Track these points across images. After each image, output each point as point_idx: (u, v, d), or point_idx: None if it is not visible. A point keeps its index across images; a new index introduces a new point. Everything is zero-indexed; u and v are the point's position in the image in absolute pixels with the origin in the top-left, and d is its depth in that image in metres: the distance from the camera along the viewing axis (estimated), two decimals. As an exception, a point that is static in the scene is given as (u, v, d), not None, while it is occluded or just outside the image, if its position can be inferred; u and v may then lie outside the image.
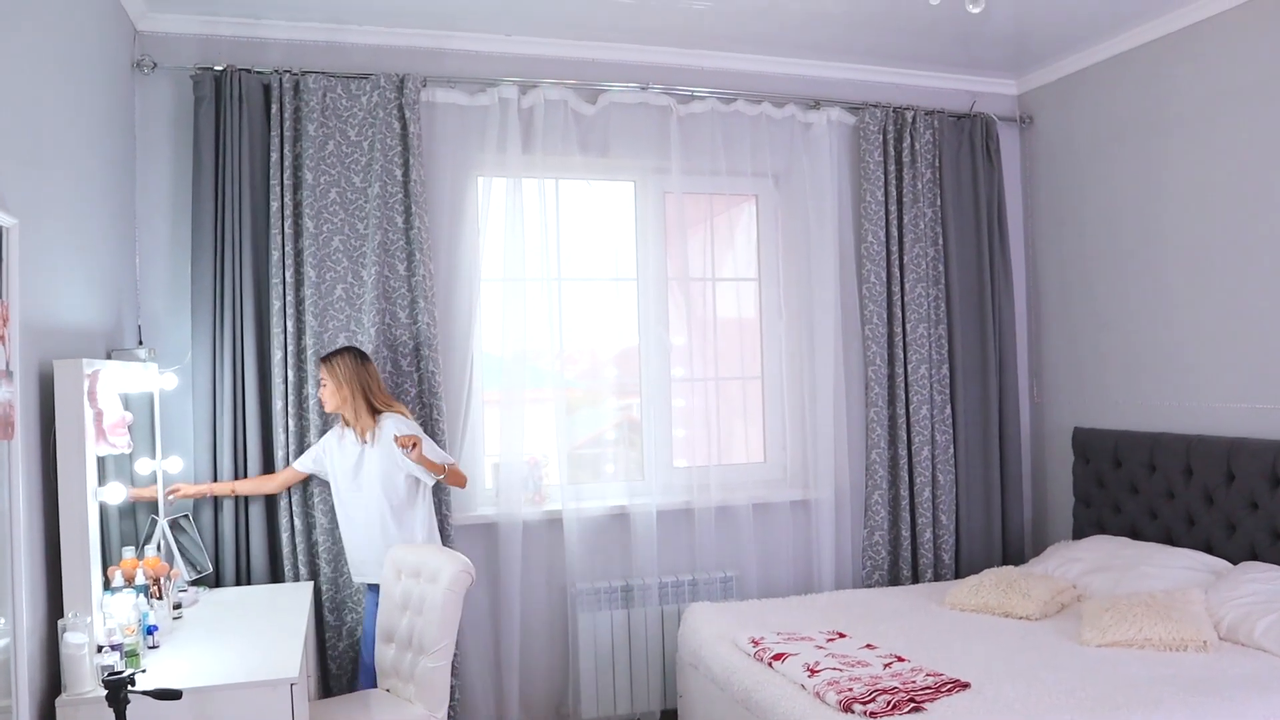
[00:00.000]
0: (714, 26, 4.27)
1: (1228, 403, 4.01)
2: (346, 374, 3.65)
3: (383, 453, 3.63)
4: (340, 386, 3.64)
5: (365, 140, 3.99)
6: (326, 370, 3.65)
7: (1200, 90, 4.10)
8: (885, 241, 4.67)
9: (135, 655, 2.58)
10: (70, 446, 2.55)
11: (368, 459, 3.66)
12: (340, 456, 3.70)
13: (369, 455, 3.65)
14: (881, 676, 3.09)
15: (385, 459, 3.63)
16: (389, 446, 3.60)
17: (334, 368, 3.65)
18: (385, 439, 3.62)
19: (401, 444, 3.52)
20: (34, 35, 2.60)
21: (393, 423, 3.64)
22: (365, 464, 3.66)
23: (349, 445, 3.69)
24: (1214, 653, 3.26)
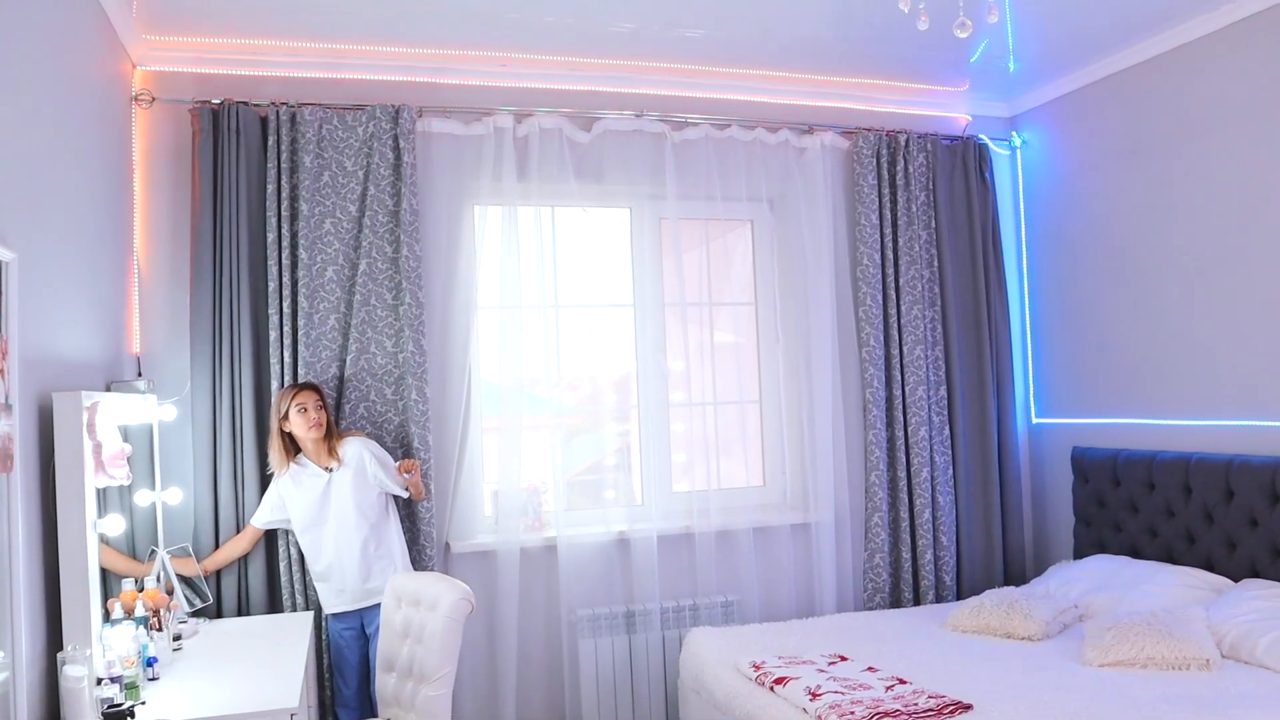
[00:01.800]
0: (708, 52, 4.31)
1: (1226, 421, 4.02)
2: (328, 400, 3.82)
3: (354, 472, 3.69)
4: (328, 409, 3.75)
5: (360, 170, 4.01)
6: (319, 394, 3.71)
7: (1192, 109, 4.14)
8: (881, 264, 4.69)
9: (135, 687, 2.58)
10: (69, 478, 2.56)
11: (336, 484, 3.69)
12: (300, 493, 3.69)
13: (337, 480, 3.70)
14: (883, 699, 3.08)
15: (357, 478, 3.69)
16: (358, 466, 3.70)
17: (324, 394, 3.76)
18: (354, 459, 3.71)
19: (407, 468, 3.71)
20: (33, 70, 2.63)
21: (360, 443, 3.75)
22: (334, 490, 3.69)
23: (309, 478, 3.70)
24: (1216, 671, 3.25)
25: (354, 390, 3.95)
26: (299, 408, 3.65)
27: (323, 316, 3.94)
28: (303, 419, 3.65)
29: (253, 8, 3.71)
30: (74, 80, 3.07)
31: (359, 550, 3.68)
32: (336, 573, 3.69)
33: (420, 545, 3.97)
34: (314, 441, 3.68)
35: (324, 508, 3.68)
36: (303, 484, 3.70)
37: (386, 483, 3.74)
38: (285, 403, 3.66)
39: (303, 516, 3.69)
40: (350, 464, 3.70)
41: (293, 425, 3.66)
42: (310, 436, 3.67)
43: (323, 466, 3.69)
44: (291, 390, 3.68)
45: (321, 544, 3.70)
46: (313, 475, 3.70)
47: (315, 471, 3.70)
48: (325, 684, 3.89)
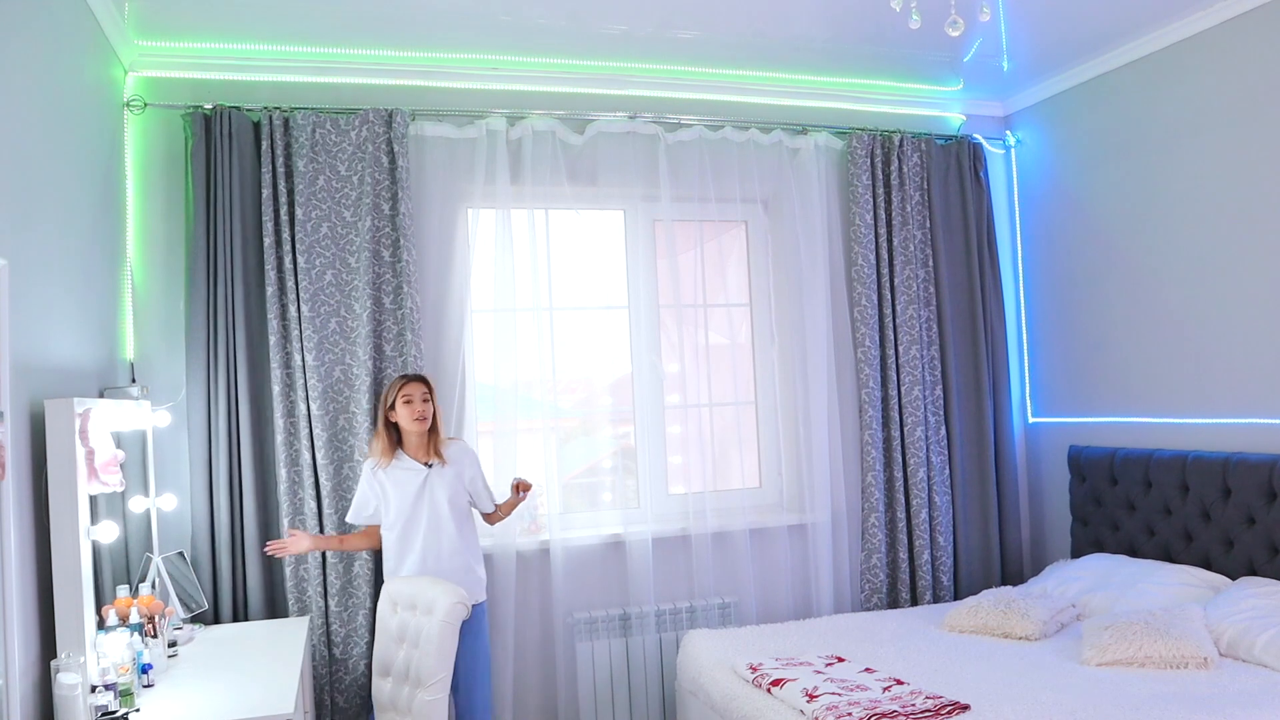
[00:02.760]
0: (700, 53, 4.31)
1: (1223, 419, 4.02)
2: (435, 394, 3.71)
3: (453, 474, 3.66)
4: (435, 405, 3.67)
5: (355, 175, 4.01)
6: (428, 387, 3.66)
7: (1186, 107, 4.14)
8: (876, 264, 4.69)
9: (130, 695, 2.57)
10: (62, 486, 2.55)
11: (433, 481, 3.63)
12: (396, 488, 3.62)
13: (435, 477, 3.64)
14: (881, 700, 3.08)
15: (454, 480, 3.65)
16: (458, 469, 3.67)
17: (431, 384, 3.69)
18: (456, 460, 3.68)
19: (524, 487, 3.76)
20: (24, 76, 2.63)
21: (464, 447, 3.77)
22: (430, 487, 3.63)
23: (406, 472, 3.63)
24: (1214, 669, 3.25)
25: (356, 392, 3.94)
26: (405, 399, 3.59)
27: (324, 320, 3.94)
28: (408, 410, 3.59)
29: (244, 13, 3.70)
30: (66, 86, 3.06)
31: (448, 552, 3.61)
32: (425, 571, 3.59)
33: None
34: (418, 435, 3.63)
35: (418, 504, 3.61)
36: (399, 478, 3.63)
37: (480, 493, 3.74)
38: (393, 393, 3.61)
39: (397, 511, 3.62)
40: (451, 464, 3.66)
41: (398, 416, 3.59)
42: (415, 429, 3.60)
43: (422, 462, 3.64)
44: (400, 380, 3.63)
45: (411, 542, 3.61)
46: (410, 469, 3.64)
47: (413, 466, 3.64)
48: (323, 689, 3.88)
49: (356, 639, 3.89)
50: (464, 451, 3.75)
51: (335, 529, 3.88)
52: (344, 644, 3.87)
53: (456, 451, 3.71)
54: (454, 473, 3.66)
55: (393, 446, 3.65)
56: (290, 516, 3.83)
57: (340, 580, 3.87)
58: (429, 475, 3.63)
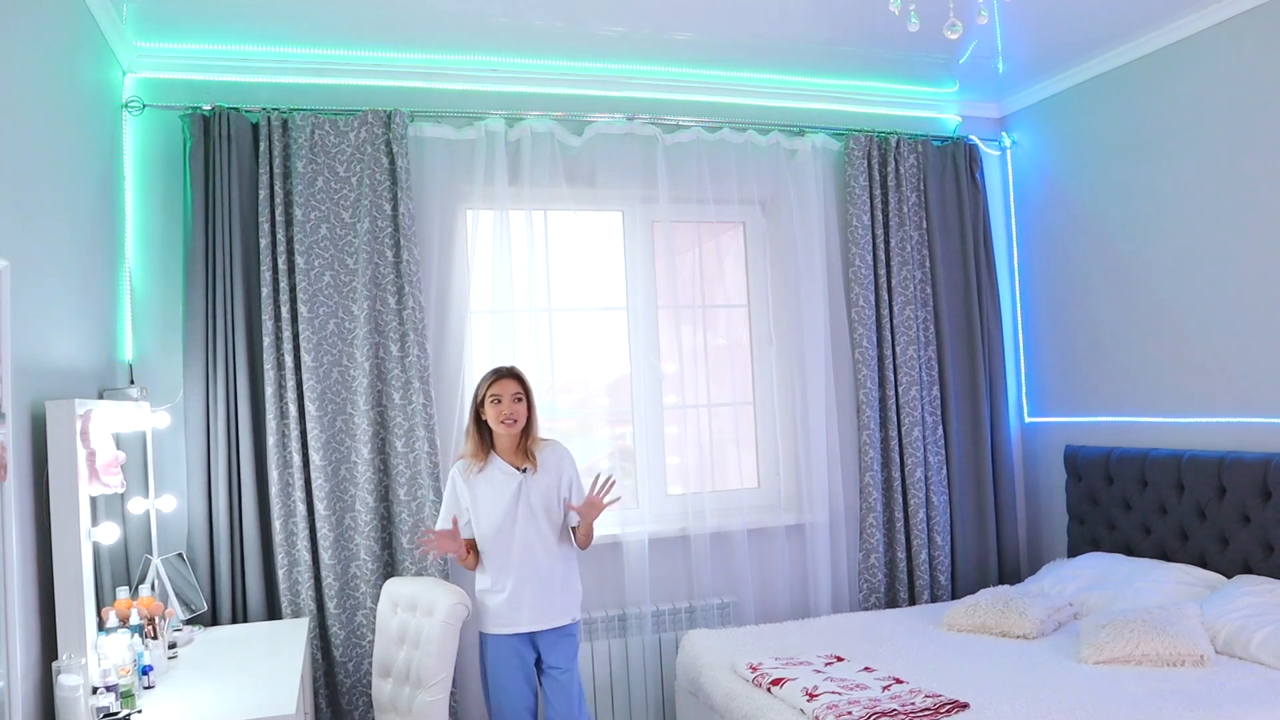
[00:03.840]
0: (698, 55, 4.33)
1: (1217, 418, 4.03)
2: (532, 393, 3.42)
3: (551, 480, 3.40)
4: (530, 404, 3.40)
5: (354, 176, 4.01)
6: (521, 385, 3.39)
7: (1181, 108, 4.16)
8: (873, 265, 4.70)
9: (131, 696, 2.57)
10: (63, 487, 2.55)
11: (529, 488, 3.36)
12: (491, 492, 3.36)
13: (531, 484, 3.37)
14: (880, 699, 3.09)
15: (551, 488, 3.40)
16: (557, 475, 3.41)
17: (526, 382, 3.41)
18: (553, 466, 3.42)
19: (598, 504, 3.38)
20: (23, 77, 2.63)
21: (563, 451, 3.48)
22: (526, 494, 3.36)
23: (501, 476, 3.37)
24: (1211, 667, 3.26)
25: (354, 394, 3.94)
26: (493, 398, 3.33)
27: (323, 321, 3.94)
28: (495, 410, 3.33)
29: (243, 14, 3.70)
30: (64, 87, 3.06)
31: (546, 563, 3.36)
32: (518, 586, 3.33)
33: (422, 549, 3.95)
34: (508, 437, 3.37)
35: (514, 511, 3.34)
36: (494, 482, 3.37)
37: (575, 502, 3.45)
38: (481, 390, 3.37)
39: (491, 519, 3.35)
40: (547, 470, 3.39)
41: (487, 416, 3.35)
42: (502, 432, 3.34)
43: (515, 467, 3.38)
44: (490, 376, 3.37)
45: (508, 552, 3.35)
46: (504, 473, 3.37)
47: (507, 469, 3.37)
48: (337, 689, 3.87)
49: (357, 640, 3.89)
50: (560, 455, 3.46)
51: (331, 531, 3.87)
52: (344, 645, 3.87)
53: (551, 455, 3.43)
54: (550, 479, 3.39)
55: (485, 448, 3.39)
56: (283, 519, 3.83)
57: (339, 581, 3.87)
58: (523, 481, 3.36)
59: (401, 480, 3.96)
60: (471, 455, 3.38)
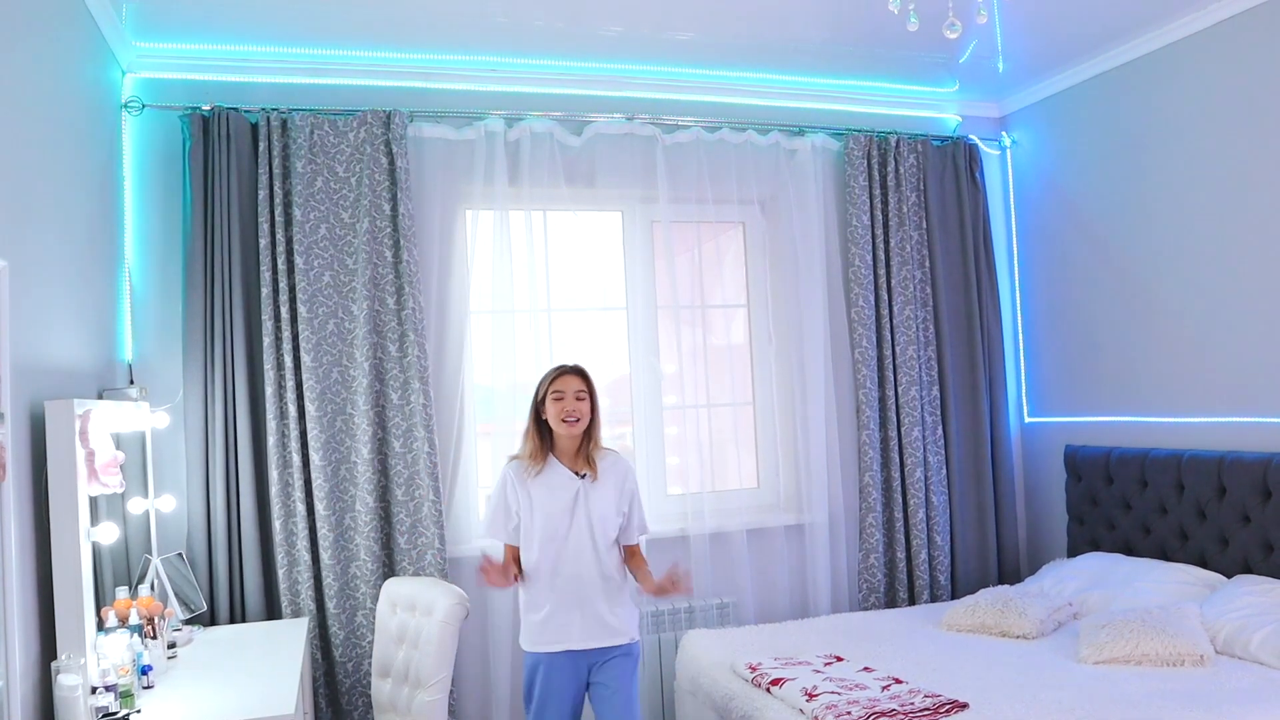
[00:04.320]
0: (698, 55, 4.33)
1: (1217, 418, 4.03)
2: (596, 394, 3.19)
3: (612, 490, 3.15)
4: (594, 405, 3.17)
5: (353, 176, 4.01)
6: (585, 382, 3.16)
7: (1182, 108, 4.16)
8: (873, 265, 4.70)
9: (130, 696, 2.57)
10: (62, 487, 2.55)
11: (588, 495, 3.12)
12: (546, 496, 3.11)
13: (590, 491, 3.12)
14: (879, 699, 3.08)
15: (609, 498, 3.14)
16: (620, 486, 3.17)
17: (590, 380, 3.19)
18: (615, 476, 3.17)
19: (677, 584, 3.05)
20: (22, 77, 2.63)
21: (626, 462, 3.25)
22: (584, 501, 3.11)
23: (560, 479, 3.13)
24: (1211, 667, 3.26)
25: (354, 394, 3.94)
26: (555, 395, 3.11)
27: (322, 321, 3.94)
28: (556, 408, 3.10)
29: (242, 14, 3.70)
30: (63, 87, 3.06)
31: (599, 576, 3.10)
32: (569, 599, 3.09)
33: (419, 549, 3.95)
34: (569, 439, 3.14)
35: (571, 519, 3.10)
36: (551, 486, 3.13)
37: (633, 520, 3.21)
38: (543, 386, 3.16)
39: (545, 525, 3.09)
40: (608, 479, 3.15)
41: (547, 414, 3.13)
42: (563, 431, 3.11)
43: (575, 472, 3.14)
44: (553, 373, 3.17)
45: (559, 562, 3.09)
46: (562, 478, 3.13)
47: (565, 474, 3.14)
48: (336, 689, 3.87)
49: (356, 640, 3.89)
50: (623, 466, 3.22)
51: (330, 531, 3.87)
52: (343, 645, 3.87)
53: (613, 465, 3.19)
54: (610, 488, 3.14)
55: (544, 449, 3.15)
56: (283, 519, 3.83)
57: (338, 581, 3.87)
58: (582, 488, 3.12)
59: (400, 480, 3.96)
60: (529, 456, 3.14)
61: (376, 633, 3.54)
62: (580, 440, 3.14)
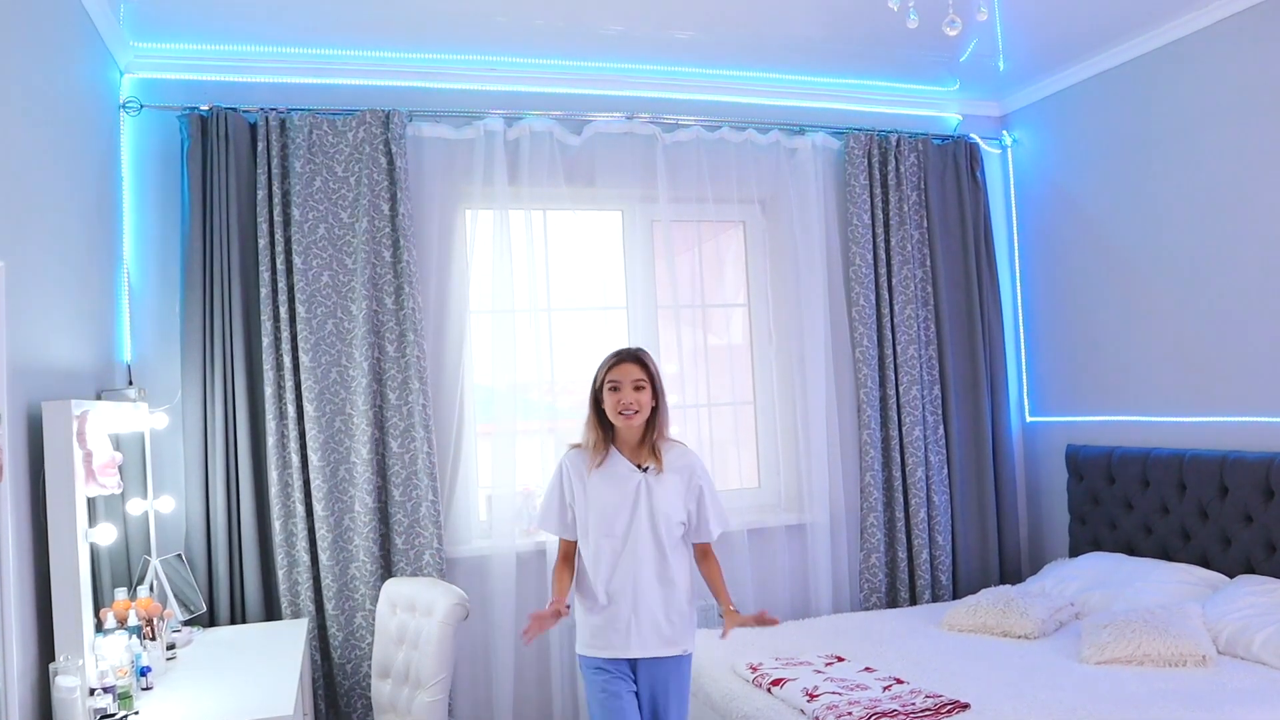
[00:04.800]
0: (698, 54, 4.32)
1: (1219, 417, 4.02)
2: (659, 379, 2.94)
3: (679, 486, 2.93)
4: (653, 393, 2.91)
5: (352, 176, 4.00)
6: (644, 369, 2.90)
7: (1183, 106, 4.15)
8: (873, 264, 4.69)
9: (128, 697, 2.56)
10: (60, 488, 2.55)
11: (651, 490, 2.89)
12: (606, 491, 2.90)
13: (654, 485, 2.89)
14: (880, 699, 3.07)
15: (675, 494, 2.91)
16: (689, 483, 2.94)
17: (651, 367, 2.93)
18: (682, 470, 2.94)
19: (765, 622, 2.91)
20: (20, 78, 2.62)
21: (694, 457, 3.01)
22: (647, 496, 2.89)
23: (620, 474, 2.91)
24: (1213, 667, 3.25)
25: (353, 394, 3.93)
26: (611, 385, 2.89)
27: (321, 321, 3.93)
28: (613, 399, 2.88)
29: (240, 14, 3.69)
30: (61, 88, 3.06)
31: (658, 580, 2.89)
32: (626, 603, 2.87)
33: (417, 549, 3.95)
34: (629, 431, 2.91)
35: (633, 515, 2.88)
36: (611, 480, 2.91)
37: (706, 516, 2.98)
38: (599, 375, 2.94)
39: (602, 521, 2.89)
40: (675, 473, 2.92)
41: (605, 405, 2.91)
42: (621, 425, 2.89)
43: (638, 465, 2.92)
44: (609, 360, 2.94)
45: (617, 561, 2.87)
46: (624, 471, 2.91)
47: (627, 466, 2.91)
48: (335, 690, 3.86)
49: (356, 641, 3.88)
50: (691, 460, 2.99)
51: (329, 532, 3.86)
52: (343, 646, 3.86)
53: (680, 458, 2.96)
54: (676, 484, 2.92)
55: (606, 441, 2.93)
56: (282, 519, 3.82)
57: (338, 582, 3.86)
58: (644, 482, 2.90)
59: (398, 481, 3.96)
60: (590, 447, 2.93)
61: (376, 633, 3.53)
62: (643, 431, 2.91)
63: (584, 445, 2.97)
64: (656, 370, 2.92)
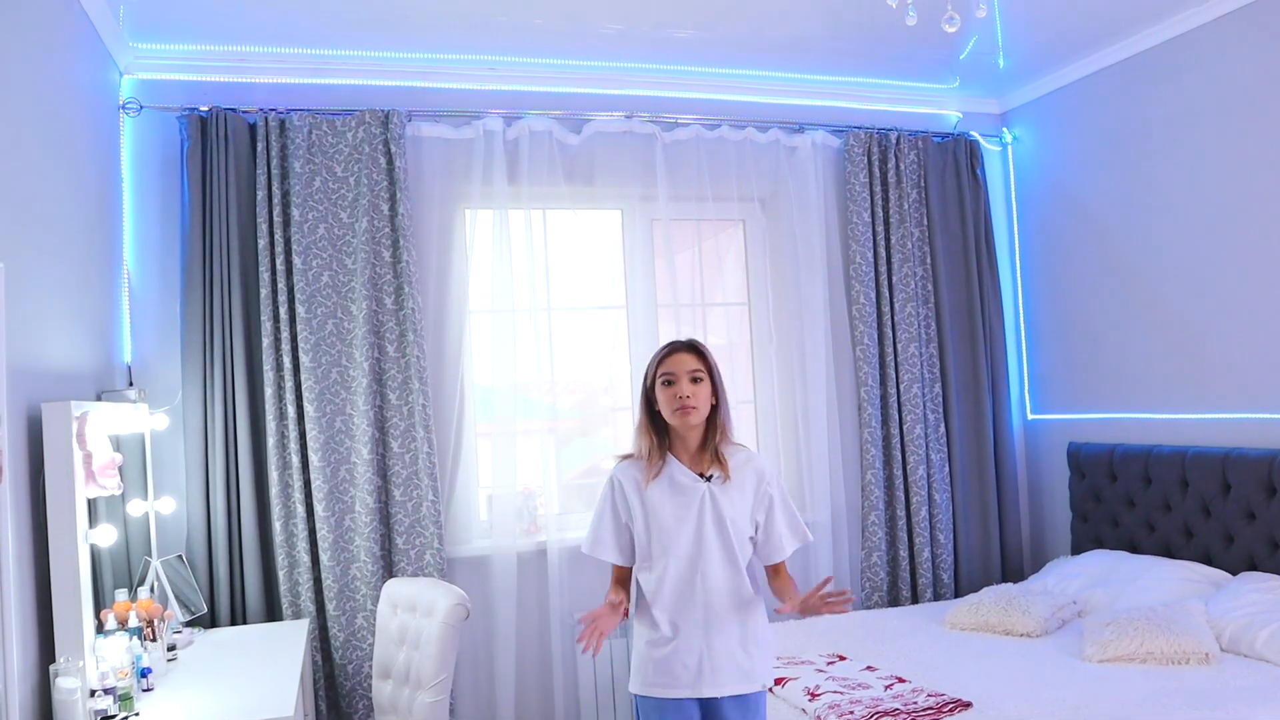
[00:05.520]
0: (697, 52, 4.31)
1: (1222, 414, 4.02)
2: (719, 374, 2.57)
3: (748, 496, 2.54)
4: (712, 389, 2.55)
5: (351, 176, 4.00)
6: (702, 359, 2.53)
7: (1184, 102, 4.14)
8: (874, 262, 4.69)
9: (129, 699, 2.56)
10: (60, 489, 2.54)
11: (716, 501, 2.50)
12: (666, 505, 2.51)
13: (718, 496, 2.51)
14: (883, 698, 3.07)
15: (743, 506, 2.53)
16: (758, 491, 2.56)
17: (709, 357, 2.56)
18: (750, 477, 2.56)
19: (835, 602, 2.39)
20: (19, 79, 2.62)
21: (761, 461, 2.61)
22: (713, 509, 2.50)
23: (681, 484, 2.52)
24: (1216, 665, 3.24)
25: (353, 394, 3.93)
26: (665, 378, 2.50)
27: (321, 322, 3.93)
28: (666, 395, 2.49)
29: (240, 15, 3.69)
30: (61, 89, 3.06)
31: (733, 604, 2.50)
32: (696, 634, 2.49)
33: (418, 549, 3.95)
34: (686, 430, 2.52)
35: (700, 531, 2.49)
36: (671, 492, 2.52)
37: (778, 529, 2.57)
38: (651, 369, 2.56)
39: (666, 538, 2.50)
40: (743, 481, 2.54)
41: (659, 403, 2.52)
42: (678, 423, 2.50)
43: (698, 472, 2.54)
44: (662, 351, 2.56)
45: (683, 585, 2.50)
46: (685, 479, 2.52)
47: (687, 476, 2.52)
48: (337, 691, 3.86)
49: (357, 641, 3.87)
50: (759, 465, 2.59)
51: (330, 532, 3.85)
52: (344, 647, 3.86)
53: (748, 464, 2.57)
54: (745, 493, 2.53)
55: (661, 448, 2.55)
56: (283, 520, 3.82)
57: (338, 583, 3.86)
58: (708, 493, 2.51)
59: (398, 481, 3.95)
60: (645, 456, 2.54)
61: (377, 634, 3.52)
62: (704, 432, 2.53)
63: (637, 454, 2.58)
64: (715, 362, 2.56)
